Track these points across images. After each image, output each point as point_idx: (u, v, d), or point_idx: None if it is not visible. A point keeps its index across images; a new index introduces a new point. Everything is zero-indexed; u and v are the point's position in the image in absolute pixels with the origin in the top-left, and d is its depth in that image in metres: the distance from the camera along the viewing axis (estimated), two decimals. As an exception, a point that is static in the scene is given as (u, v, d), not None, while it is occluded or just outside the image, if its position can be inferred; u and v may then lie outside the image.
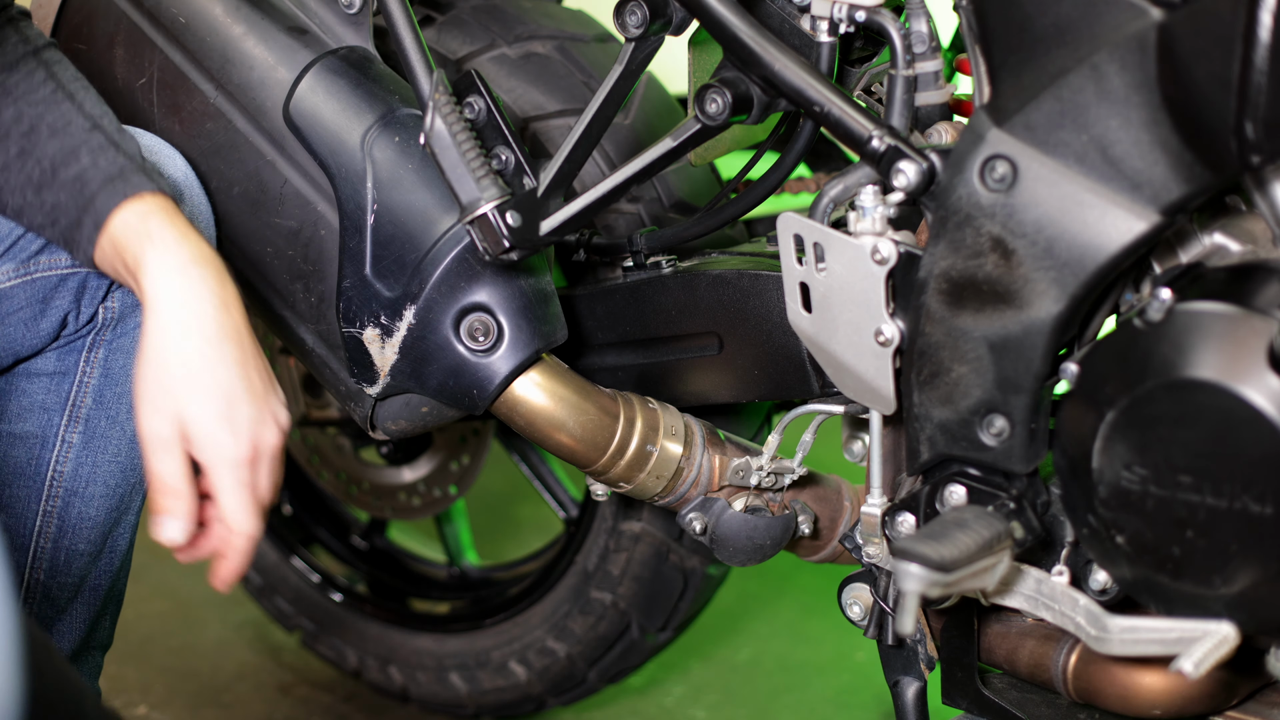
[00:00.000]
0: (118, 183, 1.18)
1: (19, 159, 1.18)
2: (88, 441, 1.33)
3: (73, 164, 1.18)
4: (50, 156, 1.18)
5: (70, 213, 1.18)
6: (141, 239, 1.17)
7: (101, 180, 1.18)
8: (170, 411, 1.15)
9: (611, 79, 1.29)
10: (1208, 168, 1.03)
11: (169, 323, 1.16)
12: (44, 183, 1.18)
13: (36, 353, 1.31)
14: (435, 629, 1.96)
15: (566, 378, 1.38)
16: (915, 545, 1.06)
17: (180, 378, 1.15)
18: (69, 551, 1.34)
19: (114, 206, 1.17)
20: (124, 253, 1.17)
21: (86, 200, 1.18)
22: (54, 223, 1.19)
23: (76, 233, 1.18)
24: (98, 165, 1.18)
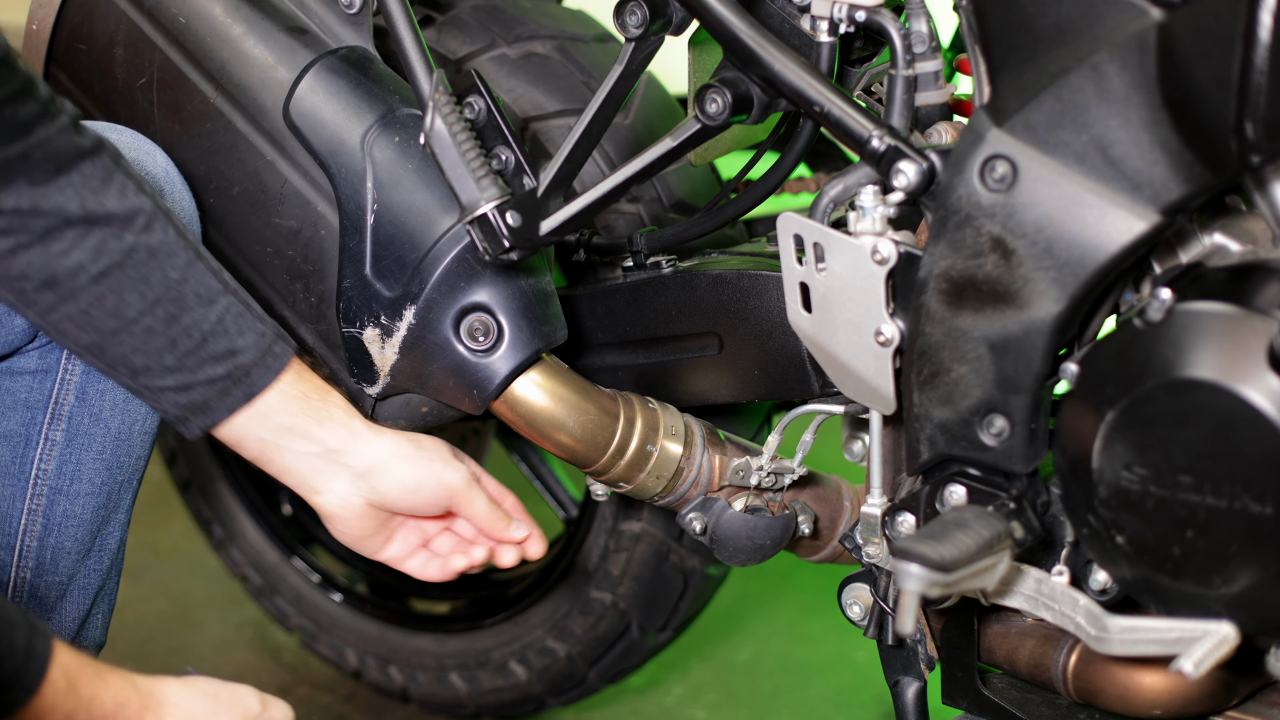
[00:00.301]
0: (268, 358, 1.24)
1: (167, 325, 1.20)
2: (71, 439, 1.33)
3: (220, 336, 1.21)
4: (198, 326, 1.21)
5: (218, 385, 1.22)
6: (309, 414, 1.26)
7: (254, 355, 1.23)
8: None
9: (611, 79, 1.29)
10: (1208, 168, 1.03)
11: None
12: (190, 350, 1.21)
13: (14, 351, 1.31)
14: (435, 629, 1.96)
15: (566, 378, 1.38)
16: (915, 545, 1.06)
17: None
18: (55, 549, 1.34)
19: (267, 383, 1.23)
20: (292, 426, 1.26)
21: (240, 375, 1.23)
22: (188, 388, 1.22)
23: (219, 400, 1.23)
24: (244, 335, 1.23)
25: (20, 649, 0.98)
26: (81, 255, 1.15)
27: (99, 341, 1.20)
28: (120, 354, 1.20)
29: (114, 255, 1.16)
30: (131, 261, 1.17)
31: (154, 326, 1.19)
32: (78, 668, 1.03)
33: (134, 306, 1.18)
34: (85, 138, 1.15)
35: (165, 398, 1.23)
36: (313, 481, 1.29)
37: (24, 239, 1.14)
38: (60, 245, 1.15)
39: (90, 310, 1.18)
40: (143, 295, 1.18)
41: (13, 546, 1.33)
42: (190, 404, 1.22)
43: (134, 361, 1.21)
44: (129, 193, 1.18)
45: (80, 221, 1.15)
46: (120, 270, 1.17)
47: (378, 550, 1.36)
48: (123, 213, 1.17)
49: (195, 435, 1.25)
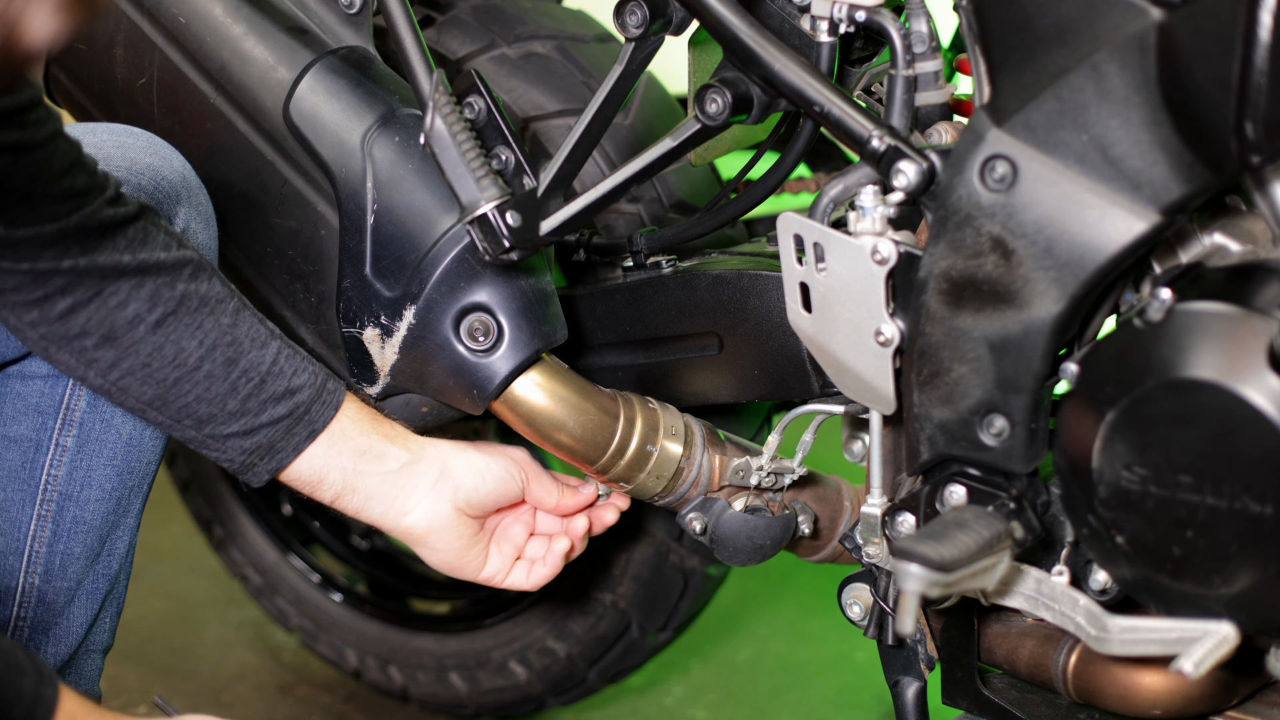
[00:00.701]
0: (324, 395, 1.27)
1: (227, 369, 1.23)
2: (82, 445, 1.33)
3: (278, 377, 1.25)
4: (256, 368, 1.24)
5: (282, 425, 1.25)
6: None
7: (312, 393, 1.27)
8: None
9: (611, 79, 1.29)
10: (1208, 168, 1.03)
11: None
12: (252, 393, 1.24)
13: (24, 356, 1.31)
14: (435, 629, 1.96)
15: (566, 378, 1.38)
16: (915, 545, 1.06)
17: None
18: (64, 555, 1.34)
19: (329, 420, 1.28)
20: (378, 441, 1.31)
21: (302, 411, 1.26)
22: (253, 431, 1.25)
23: (284, 440, 1.26)
24: (299, 375, 1.26)
25: (27, 695, 0.99)
26: (138, 306, 1.19)
27: (162, 394, 1.22)
28: (184, 404, 1.23)
29: (169, 303, 1.20)
30: (185, 308, 1.21)
31: (214, 372, 1.22)
32: (84, 715, 1.04)
33: (193, 354, 1.21)
34: (128, 205, 1.19)
35: (231, 445, 1.25)
36: (398, 502, 1.32)
37: (81, 296, 1.17)
38: (117, 298, 1.18)
39: (151, 361, 1.21)
40: (200, 342, 1.22)
41: (22, 551, 1.33)
42: (256, 448, 1.25)
43: (198, 411, 1.23)
44: (173, 246, 1.21)
45: (133, 272, 1.18)
46: (175, 318, 1.20)
47: (477, 568, 1.39)
48: (171, 262, 1.20)
49: (261, 481, 1.28)
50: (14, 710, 0.97)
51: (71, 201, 1.14)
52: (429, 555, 1.37)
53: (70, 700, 1.03)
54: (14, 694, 0.97)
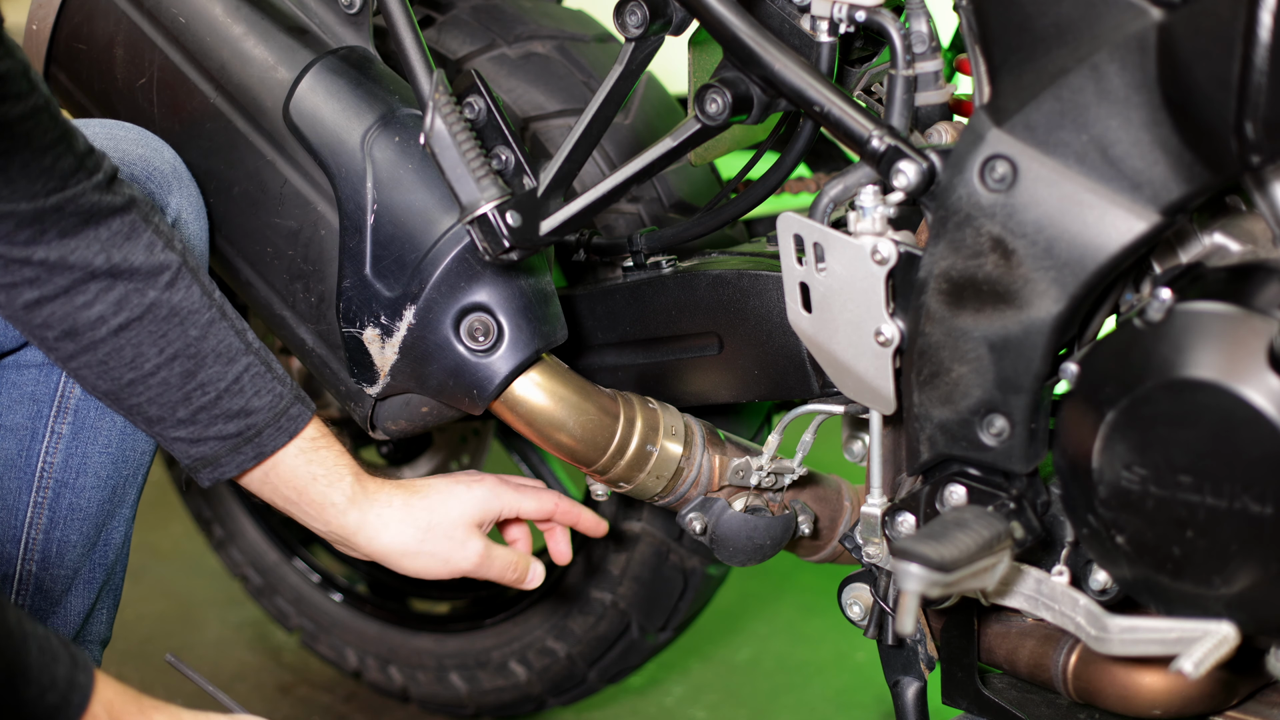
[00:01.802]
0: (283, 420, 1.27)
1: (183, 381, 1.23)
2: (77, 432, 1.34)
3: (236, 395, 1.25)
4: (215, 383, 1.24)
5: (229, 442, 1.26)
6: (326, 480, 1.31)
7: (268, 416, 1.26)
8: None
9: (611, 79, 1.29)
10: (1208, 168, 1.03)
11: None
12: (204, 406, 1.24)
13: (22, 345, 1.31)
14: (435, 629, 1.96)
15: (566, 378, 1.38)
16: (915, 545, 1.06)
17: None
18: (61, 543, 1.34)
19: (279, 446, 1.28)
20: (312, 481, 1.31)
21: (253, 434, 1.26)
22: (199, 441, 1.26)
23: (229, 457, 1.27)
24: (261, 396, 1.26)
25: (62, 681, 0.98)
26: (103, 308, 1.18)
27: (115, 390, 1.23)
28: (135, 404, 1.24)
29: (135, 310, 1.20)
30: (152, 317, 1.21)
31: (170, 380, 1.23)
32: (121, 701, 1.04)
33: (151, 360, 1.22)
34: (117, 194, 1.18)
35: (177, 447, 1.27)
36: (343, 535, 1.34)
37: (49, 291, 1.16)
38: (84, 298, 1.18)
39: (108, 360, 1.21)
40: (160, 350, 1.22)
41: (19, 539, 1.33)
42: (200, 457, 1.27)
43: (148, 412, 1.24)
44: (156, 249, 1.20)
45: (105, 275, 1.17)
46: (140, 324, 1.20)
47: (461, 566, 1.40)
48: (147, 268, 1.20)
49: (205, 485, 1.30)
50: (49, 696, 0.97)
51: (52, 181, 1.12)
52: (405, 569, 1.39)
53: (107, 687, 1.03)
54: (49, 680, 0.97)
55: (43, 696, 0.97)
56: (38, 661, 0.97)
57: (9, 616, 0.95)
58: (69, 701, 0.99)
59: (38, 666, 0.97)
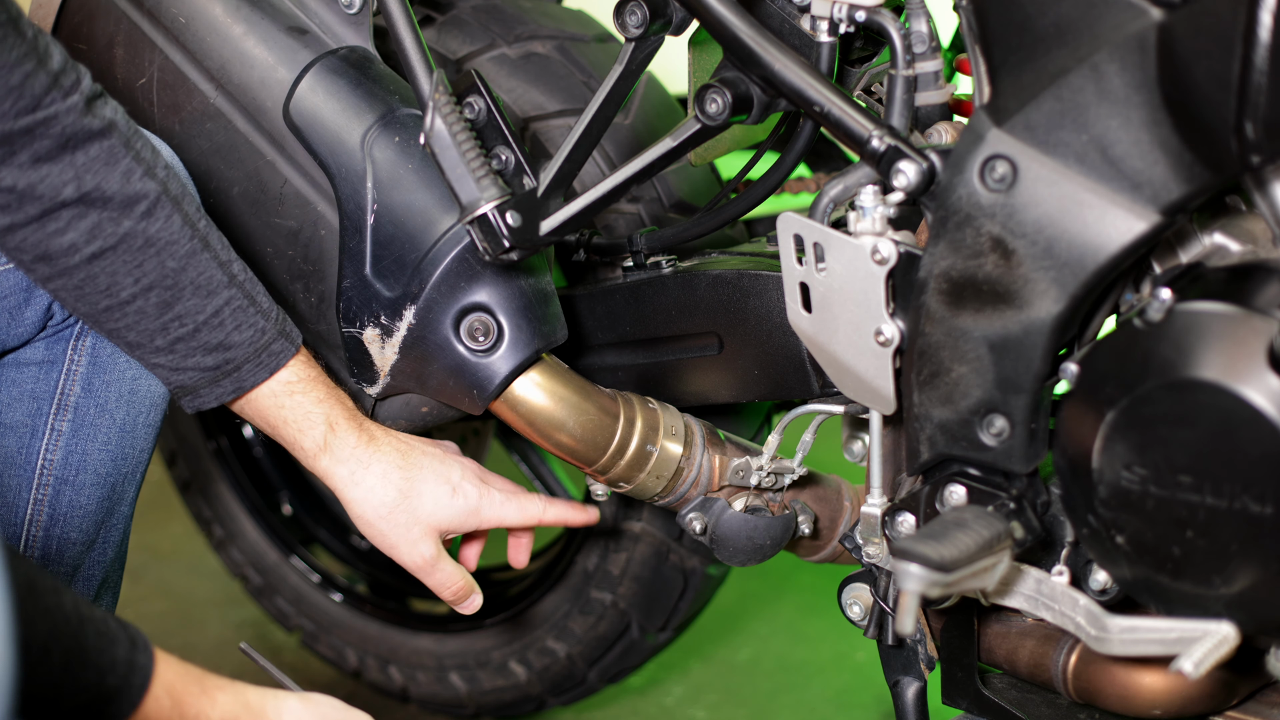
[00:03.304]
0: (263, 356, 1.25)
1: (159, 311, 1.22)
2: (77, 430, 1.34)
3: (215, 329, 1.23)
4: (193, 316, 1.22)
5: (208, 374, 1.25)
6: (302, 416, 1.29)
7: (247, 352, 1.25)
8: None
9: (611, 79, 1.29)
10: (1208, 168, 1.03)
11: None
12: (182, 338, 1.23)
13: (24, 343, 1.31)
14: (435, 629, 1.96)
15: (566, 378, 1.38)
16: (915, 545, 1.06)
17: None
18: (61, 540, 1.34)
19: (258, 381, 1.26)
20: (283, 424, 1.29)
21: (231, 369, 1.25)
22: (179, 370, 1.25)
23: (208, 389, 1.25)
24: (241, 331, 1.24)
25: (121, 663, 0.97)
26: (75, 236, 1.16)
27: (93, 314, 1.23)
28: (113, 329, 1.23)
29: (108, 239, 1.17)
30: (126, 246, 1.19)
31: (146, 309, 1.21)
32: (183, 683, 1.02)
33: (126, 289, 1.20)
34: (96, 118, 1.15)
35: (159, 372, 1.27)
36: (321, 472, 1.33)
37: (19, 218, 1.14)
38: (55, 225, 1.15)
39: (83, 287, 1.20)
40: (136, 280, 1.20)
41: (19, 537, 1.33)
42: (180, 385, 1.27)
43: (127, 337, 1.24)
44: (134, 177, 1.18)
45: (76, 203, 1.15)
46: (114, 253, 1.18)
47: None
48: (122, 197, 1.17)
49: (189, 411, 1.29)
50: (108, 679, 0.96)
51: (21, 100, 1.09)
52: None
53: (168, 667, 1.01)
54: (108, 662, 0.96)
55: (102, 680, 0.96)
56: (95, 645, 0.96)
57: (65, 601, 0.94)
58: (129, 684, 0.97)
59: (96, 650, 0.96)
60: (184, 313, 1.22)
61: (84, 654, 0.95)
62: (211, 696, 1.04)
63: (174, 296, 1.22)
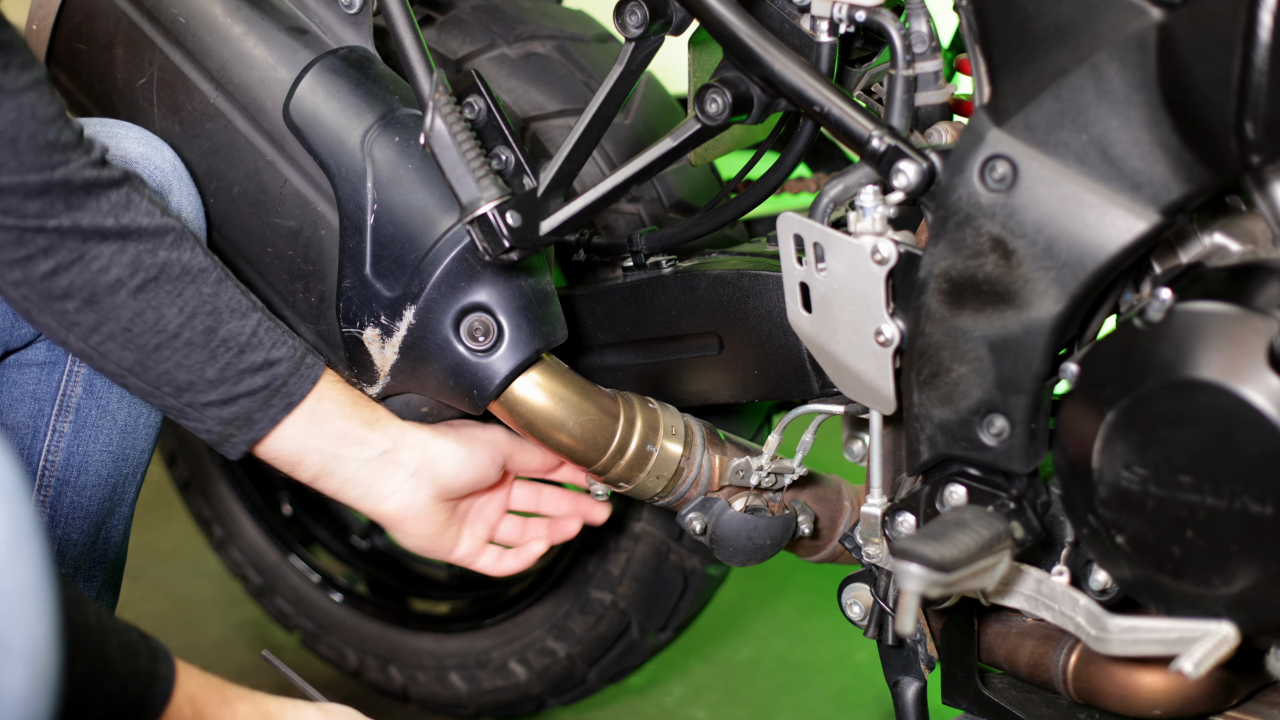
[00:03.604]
0: (303, 368, 1.28)
1: (206, 337, 1.24)
2: (79, 431, 1.34)
3: (257, 348, 1.26)
4: (236, 338, 1.25)
5: (259, 396, 1.26)
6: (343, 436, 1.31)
7: (290, 366, 1.28)
8: None
9: (611, 79, 1.29)
10: (1208, 168, 1.03)
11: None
12: (230, 362, 1.25)
13: (27, 344, 1.31)
14: (435, 629, 1.96)
15: (566, 378, 1.38)
16: (915, 545, 1.06)
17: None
18: (62, 541, 1.34)
19: (305, 393, 1.28)
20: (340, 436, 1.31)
21: (279, 384, 1.27)
22: (231, 400, 1.26)
23: (261, 412, 1.27)
24: (279, 347, 1.27)
25: (144, 674, 0.98)
26: (119, 270, 1.19)
27: (141, 360, 1.23)
28: (163, 371, 1.24)
29: (150, 270, 1.21)
30: (167, 276, 1.21)
31: (194, 340, 1.23)
32: (204, 693, 1.04)
33: (173, 320, 1.22)
34: (114, 169, 1.20)
35: (209, 414, 1.26)
36: (376, 488, 1.33)
37: (64, 258, 1.17)
38: (99, 262, 1.19)
39: (132, 326, 1.21)
40: (180, 309, 1.22)
41: None
42: (234, 418, 1.26)
43: (177, 378, 1.24)
44: (155, 214, 1.22)
45: (115, 236, 1.18)
46: (157, 284, 1.21)
47: (450, 549, 1.41)
48: (153, 229, 1.21)
49: (239, 453, 1.29)
50: (131, 688, 0.97)
51: (57, 154, 1.14)
52: (404, 539, 1.39)
53: (190, 678, 1.03)
54: (130, 673, 0.97)
55: (125, 690, 0.97)
56: (118, 656, 0.97)
57: (89, 613, 0.95)
58: (151, 693, 0.99)
59: (119, 661, 0.96)
60: (228, 336, 1.24)
61: (107, 664, 0.95)
62: (233, 707, 1.06)
63: (216, 321, 1.24)
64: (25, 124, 1.12)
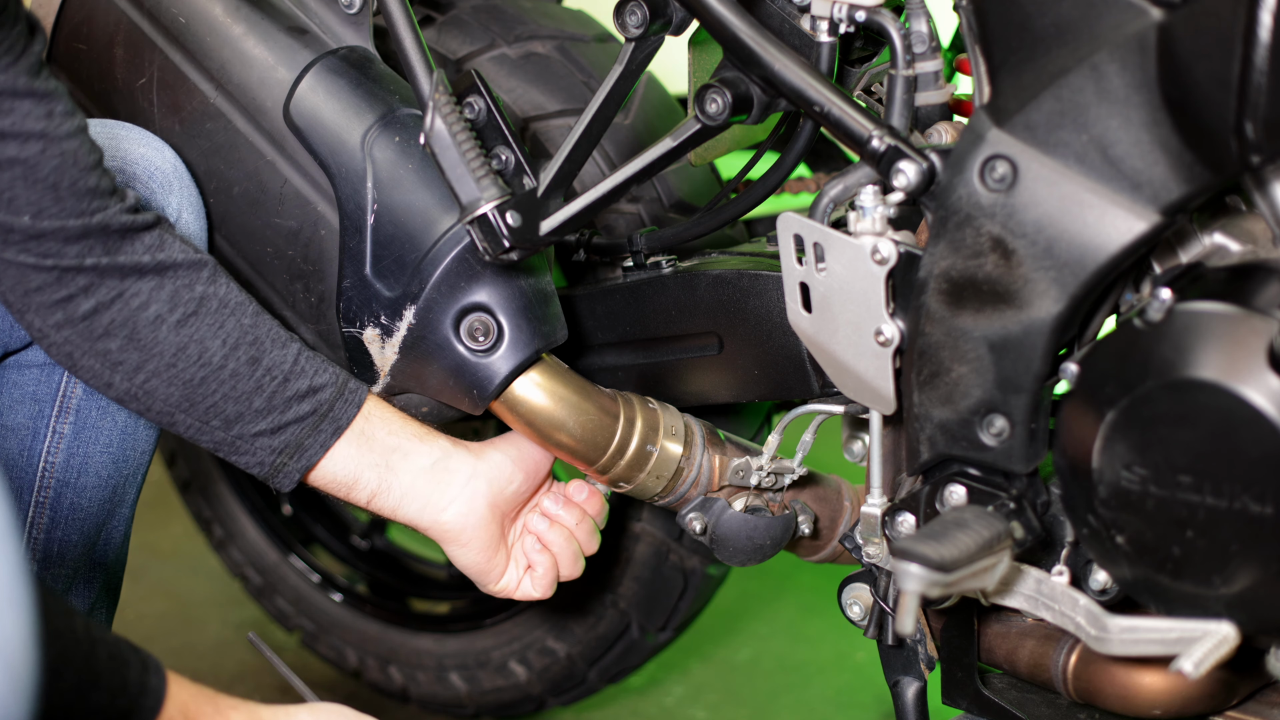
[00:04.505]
0: (346, 393, 1.29)
1: (250, 366, 1.25)
2: (79, 432, 1.34)
3: (300, 376, 1.27)
4: (280, 366, 1.26)
5: (307, 423, 1.27)
6: (390, 451, 1.32)
7: (334, 392, 1.28)
8: None
9: (611, 79, 1.29)
10: (1208, 168, 1.03)
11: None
12: (277, 392, 1.26)
13: (26, 345, 1.31)
14: (435, 629, 1.96)
15: (566, 378, 1.38)
16: (915, 545, 1.06)
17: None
18: (62, 542, 1.34)
19: (351, 418, 1.29)
20: (393, 450, 1.31)
21: (326, 409, 1.27)
22: (280, 429, 1.27)
23: (311, 438, 1.27)
24: (321, 374, 1.28)
25: (133, 685, 0.98)
26: (159, 306, 1.21)
27: (188, 395, 1.24)
28: (211, 404, 1.25)
29: (189, 304, 1.22)
30: (206, 309, 1.23)
31: (239, 370, 1.24)
32: (195, 704, 1.03)
33: (217, 353, 1.23)
34: (147, 214, 1.22)
35: (260, 445, 1.27)
36: (434, 498, 1.33)
37: (104, 296, 1.19)
38: (139, 299, 1.20)
39: (176, 362, 1.22)
40: (223, 341, 1.24)
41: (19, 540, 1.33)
42: (284, 447, 1.27)
43: (225, 410, 1.25)
44: (189, 251, 1.24)
45: (153, 272, 1.20)
46: (197, 318, 1.23)
47: (497, 575, 1.39)
48: (188, 264, 1.23)
49: (292, 483, 1.29)
50: (119, 700, 0.97)
51: (96, 200, 1.17)
52: (460, 553, 1.37)
53: (181, 689, 1.02)
54: (119, 684, 0.97)
55: (113, 702, 0.97)
56: (107, 668, 0.97)
57: (77, 625, 0.95)
58: (141, 705, 0.98)
59: (107, 672, 0.96)
60: (271, 365, 1.25)
61: (96, 676, 0.95)
62: (225, 716, 1.06)
63: (259, 351, 1.25)
64: (68, 170, 1.14)
